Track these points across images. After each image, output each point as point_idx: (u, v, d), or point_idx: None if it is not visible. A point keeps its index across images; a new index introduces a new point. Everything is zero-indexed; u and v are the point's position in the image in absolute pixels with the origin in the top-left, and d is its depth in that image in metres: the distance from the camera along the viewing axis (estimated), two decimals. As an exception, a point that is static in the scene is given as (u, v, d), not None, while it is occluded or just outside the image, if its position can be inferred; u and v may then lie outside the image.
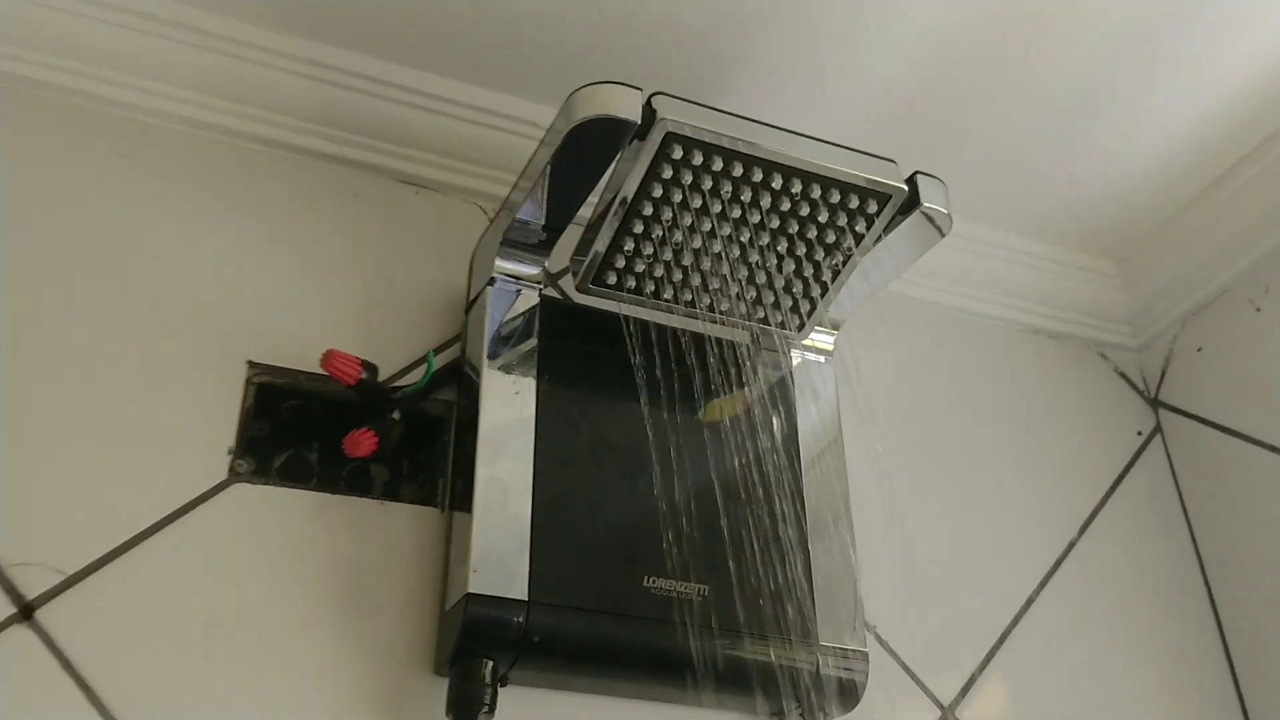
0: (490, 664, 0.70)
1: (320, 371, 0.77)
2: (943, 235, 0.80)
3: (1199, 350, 1.12)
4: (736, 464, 0.79)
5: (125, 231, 0.82)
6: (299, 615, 0.73)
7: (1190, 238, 1.12)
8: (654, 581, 0.75)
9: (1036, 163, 1.05)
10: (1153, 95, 0.99)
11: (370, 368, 0.78)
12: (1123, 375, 1.17)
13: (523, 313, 0.81)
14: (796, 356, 0.88)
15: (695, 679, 0.73)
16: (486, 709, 0.69)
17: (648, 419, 0.77)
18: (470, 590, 0.70)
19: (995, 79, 0.96)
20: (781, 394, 0.86)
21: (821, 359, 0.89)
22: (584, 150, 0.72)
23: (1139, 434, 1.13)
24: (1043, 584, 0.98)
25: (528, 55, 0.91)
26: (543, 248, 0.81)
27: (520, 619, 0.70)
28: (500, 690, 0.70)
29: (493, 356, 0.78)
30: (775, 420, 0.83)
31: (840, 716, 0.79)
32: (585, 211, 0.79)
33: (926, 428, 1.02)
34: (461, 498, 0.75)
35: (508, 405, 0.77)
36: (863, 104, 0.96)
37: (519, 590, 0.71)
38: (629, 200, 0.76)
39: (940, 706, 0.89)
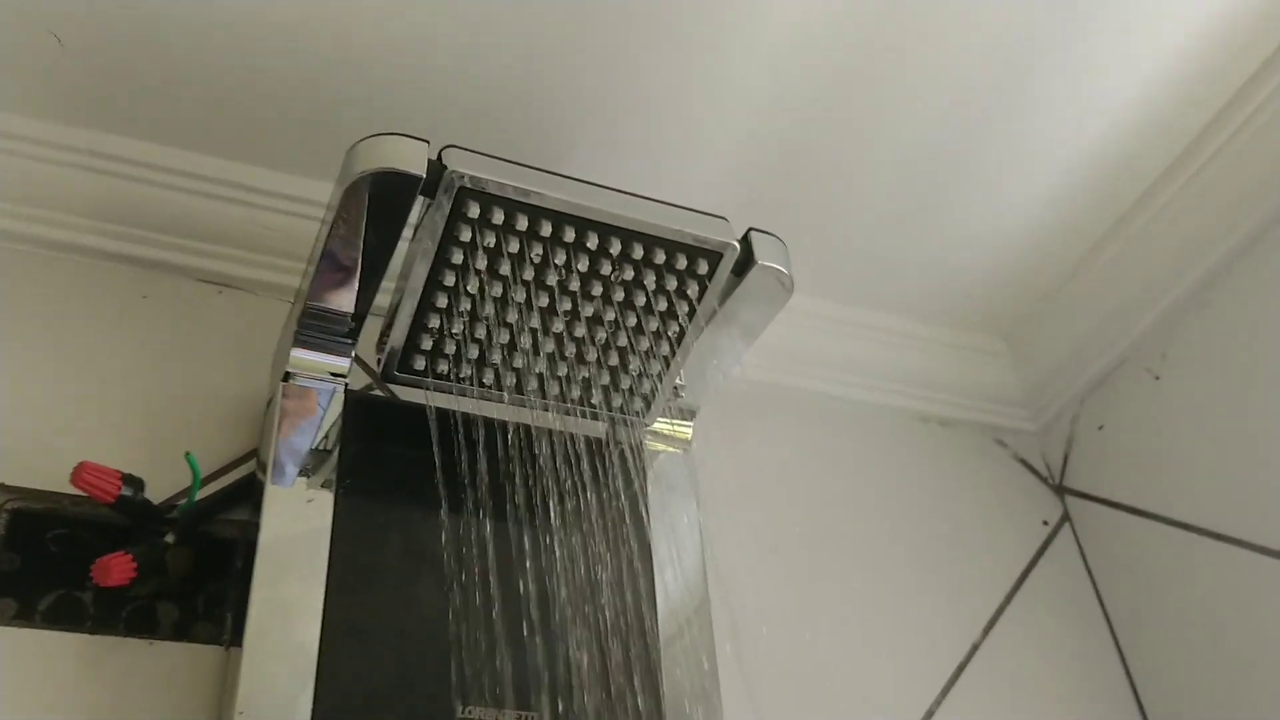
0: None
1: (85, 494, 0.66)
2: (787, 295, 0.71)
3: (1100, 428, 1.04)
4: (576, 575, 0.68)
5: None
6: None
7: (1077, 306, 1.04)
8: (471, 711, 0.63)
9: (903, 237, 0.98)
10: (1017, 152, 0.92)
11: (134, 482, 0.67)
12: (1023, 462, 1.08)
13: (323, 412, 0.71)
14: (651, 448, 0.78)
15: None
16: None
17: (464, 527, 0.67)
18: (237, 738, 0.58)
19: (847, 148, 0.89)
20: (629, 492, 0.76)
21: (679, 451, 0.80)
22: (368, 214, 0.63)
23: (1045, 524, 1.04)
24: (944, 692, 0.87)
25: (341, 138, 0.83)
26: (350, 337, 0.71)
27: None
28: None
29: (282, 462, 0.68)
30: (622, 523, 0.73)
31: None
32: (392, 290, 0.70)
33: (813, 528, 0.92)
34: (239, 629, 0.63)
35: (297, 517, 0.66)
36: (708, 181, 0.89)
37: (298, 730, 0.59)
38: (428, 271, 0.67)
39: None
